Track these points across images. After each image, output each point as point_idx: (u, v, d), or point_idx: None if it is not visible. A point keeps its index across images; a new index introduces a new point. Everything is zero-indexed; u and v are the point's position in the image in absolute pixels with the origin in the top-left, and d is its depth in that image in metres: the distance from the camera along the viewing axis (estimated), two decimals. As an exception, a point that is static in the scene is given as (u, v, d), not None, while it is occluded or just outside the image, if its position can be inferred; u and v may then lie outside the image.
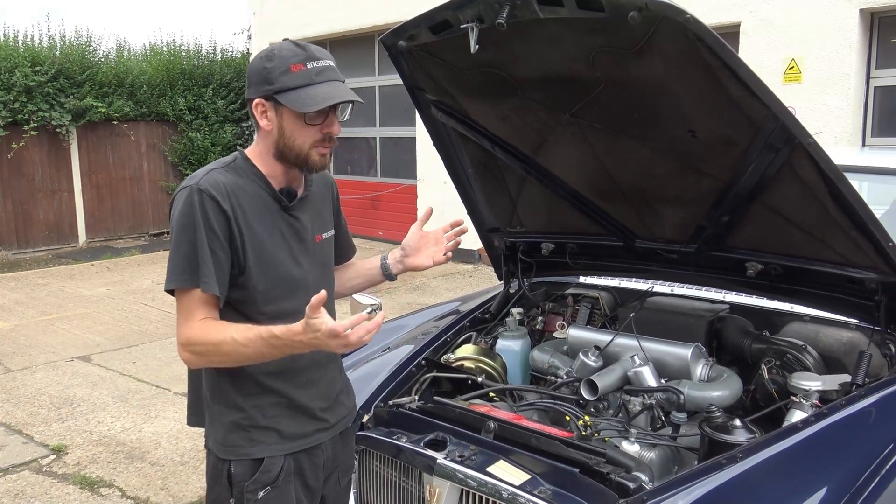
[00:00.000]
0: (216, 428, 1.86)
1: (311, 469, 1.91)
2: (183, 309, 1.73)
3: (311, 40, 7.74)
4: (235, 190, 1.75)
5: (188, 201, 1.70)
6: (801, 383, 2.10)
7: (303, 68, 1.72)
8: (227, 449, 1.83)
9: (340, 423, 2.00)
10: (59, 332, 7.00)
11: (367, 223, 11.73)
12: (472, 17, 1.99)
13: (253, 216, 1.77)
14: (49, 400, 5.25)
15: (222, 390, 1.84)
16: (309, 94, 1.71)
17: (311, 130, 1.76)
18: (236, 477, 1.81)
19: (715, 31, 1.71)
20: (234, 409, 1.83)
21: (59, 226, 11.77)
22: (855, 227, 2.00)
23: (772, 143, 1.95)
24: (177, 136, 12.85)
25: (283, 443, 1.85)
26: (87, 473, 4.10)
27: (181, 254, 1.71)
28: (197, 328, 1.71)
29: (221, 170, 1.78)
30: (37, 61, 11.01)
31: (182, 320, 1.73)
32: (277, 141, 1.78)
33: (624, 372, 2.36)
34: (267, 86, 1.73)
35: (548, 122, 2.36)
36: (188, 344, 1.71)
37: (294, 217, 1.86)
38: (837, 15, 6.70)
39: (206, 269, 1.69)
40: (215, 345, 1.69)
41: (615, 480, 1.78)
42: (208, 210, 1.70)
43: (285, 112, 1.74)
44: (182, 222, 1.71)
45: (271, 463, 1.83)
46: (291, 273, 1.83)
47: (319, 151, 1.79)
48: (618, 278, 3.03)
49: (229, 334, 1.68)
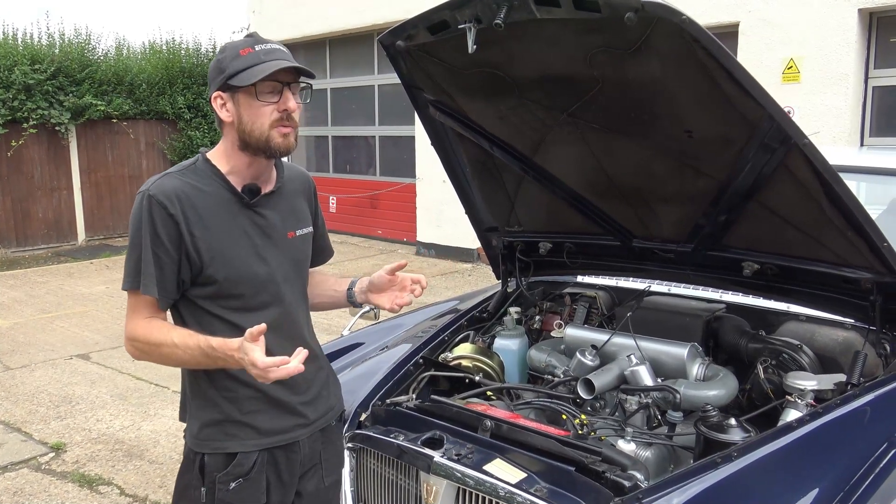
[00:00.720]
0: (193, 421, 1.89)
1: (286, 464, 1.91)
2: (130, 306, 1.84)
3: (310, 39, 7.71)
4: (189, 192, 1.78)
5: (138, 207, 1.78)
6: (796, 383, 2.11)
7: (251, 51, 1.77)
8: (202, 442, 1.85)
9: (321, 420, 1.99)
10: (58, 330, 7.01)
11: (366, 222, 11.74)
12: (470, 18, 2.00)
13: (208, 216, 1.79)
14: (48, 398, 5.25)
15: (200, 384, 1.87)
16: (256, 69, 1.74)
17: (267, 110, 1.77)
18: (208, 467, 1.84)
19: (713, 31, 1.72)
20: (210, 404, 1.85)
21: (58, 224, 11.78)
22: (850, 227, 2.00)
23: (767, 143, 1.96)
24: (176, 134, 12.86)
25: (259, 438, 1.86)
26: (85, 471, 4.11)
27: (130, 257, 1.81)
28: (141, 326, 1.80)
29: (177, 173, 1.83)
30: (36, 59, 11.01)
31: (129, 316, 1.83)
32: (239, 130, 1.80)
33: (620, 371, 2.37)
34: (220, 76, 1.77)
35: (545, 121, 2.37)
36: (132, 339, 1.81)
37: (258, 213, 1.87)
38: (836, 15, 6.71)
39: (146, 274, 1.78)
40: (156, 345, 1.78)
41: (611, 479, 1.79)
42: (154, 215, 1.76)
43: (241, 97, 1.77)
44: (133, 226, 1.80)
45: (245, 457, 1.85)
46: (253, 269, 1.84)
47: (280, 132, 1.79)
48: (615, 278, 3.04)
49: (170, 337, 1.76)
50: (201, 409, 1.87)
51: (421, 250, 10.54)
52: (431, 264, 9.82)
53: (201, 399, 1.87)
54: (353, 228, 11.77)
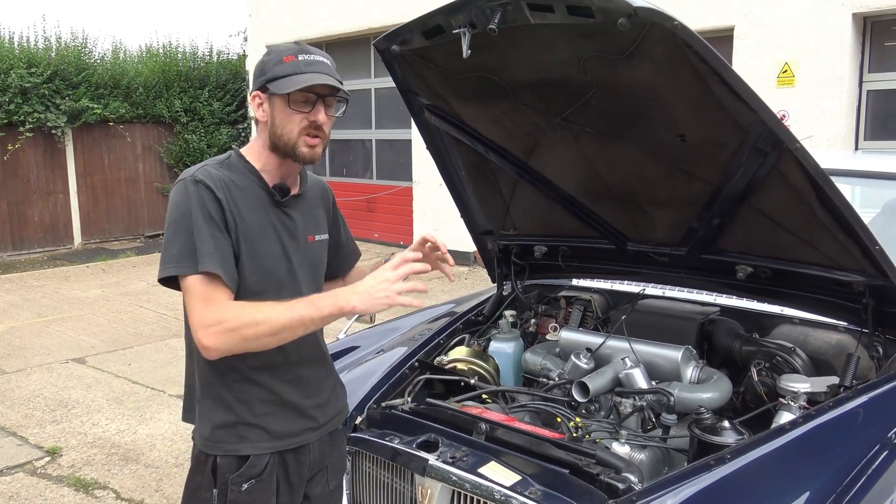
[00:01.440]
0: (203, 423, 1.87)
1: (296, 466, 1.92)
2: (197, 296, 1.70)
3: (307, 42, 7.68)
4: (228, 183, 1.80)
5: (183, 192, 1.75)
6: (789, 385, 2.12)
7: (293, 59, 1.81)
8: (214, 444, 1.85)
9: (330, 424, 2.01)
10: (53, 334, 6.99)
11: (363, 225, 11.74)
12: (465, 23, 2.01)
13: (245, 209, 1.81)
14: (44, 402, 5.25)
15: (212, 385, 1.85)
16: (293, 79, 1.79)
17: (297, 118, 1.81)
18: (221, 468, 1.84)
19: (708, 36, 1.74)
20: (222, 405, 1.85)
21: (55, 227, 11.76)
22: (842, 230, 2.02)
23: (760, 147, 1.97)
24: (172, 137, 12.85)
25: (270, 441, 1.86)
26: (81, 475, 4.10)
27: (178, 242, 1.71)
28: (228, 306, 1.70)
29: (215, 165, 1.84)
30: (32, 63, 11.01)
31: (201, 304, 1.70)
32: (270, 131, 1.84)
33: (615, 374, 2.38)
34: (261, 77, 1.83)
35: (540, 125, 2.38)
36: (217, 323, 1.67)
37: (286, 213, 1.90)
38: (830, 19, 6.74)
39: (205, 252, 1.71)
40: (252, 316, 1.68)
41: (605, 481, 1.80)
42: (204, 198, 1.74)
43: (276, 101, 1.81)
44: (178, 212, 1.73)
45: (258, 458, 1.85)
46: (280, 267, 1.86)
47: (307, 142, 1.83)
48: (610, 281, 3.05)
49: (268, 305, 1.71)
50: (213, 411, 1.86)
51: (417, 254, 10.52)
52: (428, 268, 9.81)
53: (213, 400, 1.86)
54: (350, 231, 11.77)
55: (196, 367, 1.89)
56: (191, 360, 1.92)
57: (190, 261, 1.71)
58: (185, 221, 1.72)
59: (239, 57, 13.85)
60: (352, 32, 11.03)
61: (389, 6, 10.10)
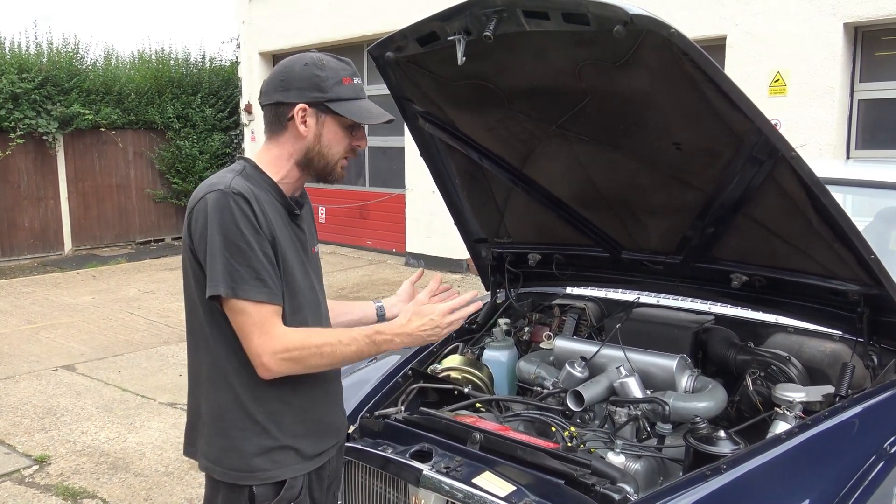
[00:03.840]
0: (232, 455, 1.77)
1: (318, 482, 1.91)
2: (254, 322, 1.67)
3: (299, 49, 7.71)
4: (257, 196, 1.72)
5: (224, 205, 1.66)
6: (784, 395, 2.11)
7: (351, 82, 1.79)
8: (248, 475, 1.77)
9: (343, 436, 2.02)
10: (43, 341, 6.94)
11: (356, 232, 11.72)
12: (460, 30, 2.00)
13: (274, 223, 1.75)
14: (32, 409, 5.20)
15: (245, 412, 1.76)
16: (362, 107, 1.79)
17: (346, 141, 1.82)
18: (259, 498, 1.77)
19: (701, 45, 1.73)
20: (256, 431, 1.76)
21: (45, 233, 11.70)
22: (838, 239, 2.01)
23: (755, 155, 1.97)
24: (165, 143, 12.82)
25: (303, 462, 1.83)
26: (70, 484, 4.06)
27: (234, 261, 1.65)
28: (292, 334, 1.71)
29: (239, 177, 1.74)
30: (24, 68, 10.97)
31: (260, 329, 1.67)
32: (311, 148, 1.79)
33: (610, 383, 2.37)
34: (318, 93, 1.75)
35: (534, 133, 2.38)
36: (284, 350, 1.68)
37: (299, 227, 1.87)
38: (822, 29, 6.78)
39: (265, 279, 1.68)
40: (317, 346, 1.71)
41: (600, 492, 1.79)
42: (246, 212, 1.67)
43: (328, 121, 1.78)
44: (225, 227, 1.65)
45: (294, 481, 1.80)
46: (304, 283, 1.84)
47: (343, 164, 1.86)
48: (604, 289, 3.04)
49: (331, 335, 1.75)
50: (247, 440, 1.76)
51: (410, 261, 10.53)
52: (420, 275, 9.80)
53: (247, 429, 1.76)
54: (342, 239, 11.75)
55: (216, 395, 1.78)
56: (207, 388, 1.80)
57: (243, 282, 1.65)
58: (233, 238, 1.65)
59: (231, 64, 13.83)
60: (344, 39, 11.04)
61: (382, 14, 10.12)
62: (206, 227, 1.67)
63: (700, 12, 7.44)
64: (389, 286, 9.09)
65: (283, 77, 1.78)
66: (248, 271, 1.66)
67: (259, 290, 1.67)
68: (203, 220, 1.67)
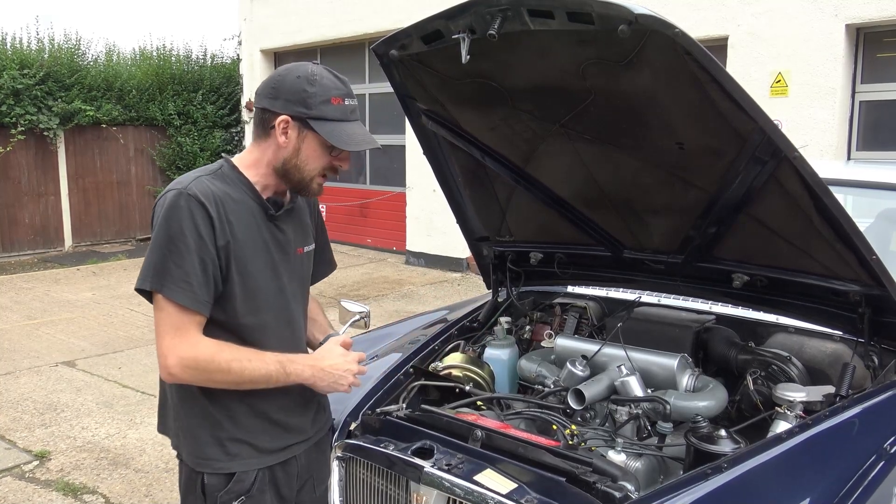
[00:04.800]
0: (189, 440, 1.83)
1: (285, 479, 1.91)
2: (172, 322, 1.69)
3: (301, 47, 7.72)
4: (223, 198, 1.74)
5: (175, 206, 1.68)
6: (785, 394, 2.12)
7: (341, 103, 1.77)
8: (202, 462, 1.82)
9: (317, 434, 2.01)
10: (43, 337, 6.94)
11: (356, 230, 11.72)
12: (464, 28, 2.00)
13: (238, 225, 1.76)
14: (33, 405, 5.20)
15: (197, 404, 1.81)
16: (345, 130, 1.77)
17: (325, 158, 1.81)
18: (210, 488, 1.81)
19: (703, 44, 1.73)
20: (209, 421, 1.81)
21: (45, 230, 11.69)
22: (839, 239, 2.02)
23: (758, 155, 1.97)
24: (165, 140, 12.81)
25: (258, 456, 1.85)
26: (70, 480, 4.06)
27: (168, 260, 1.67)
28: (205, 346, 1.70)
29: (209, 177, 1.77)
30: (25, 64, 10.95)
31: (174, 333, 1.69)
32: (289, 160, 1.79)
33: (611, 381, 2.37)
34: (303, 108, 1.74)
35: (537, 132, 2.38)
36: (191, 359, 1.69)
37: (278, 228, 1.86)
38: (824, 30, 6.78)
39: (193, 284, 1.67)
40: (226, 362, 1.71)
41: (601, 490, 1.79)
42: (196, 216, 1.68)
43: (309, 137, 1.77)
44: (169, 227, 1.68)
45: (244, 475, 1.83)
46: (269, 285, 1.83)
47: (319, 181, 1.84)
48: (605, 288, 3.05)
49: (242, 354, 1.73)
50: (200, 428, 1.82)
51: (410, 259, 10.53)
52: (421, 273, 9.82)
53: (200, 418, 1.82)
54: (343, 237, 11.75)
55: (172, 385, 1.84)
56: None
57: (171, 281, 1.67)
58: (177, 240, 1.67)
59: (233, 61, 13.82)
60: (346, 38, 11.03)
61: (384, 12, 10.12)
62: (156, 223, 1.72)
63: (702, 12, 7.44)
64: (390, 284, 9.10)
65: (274, 85, 1.78)
66: (179, 272, 1.67)
67: (183, 293, 1.67)
68: (157, 217, 1.73)
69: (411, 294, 8.61)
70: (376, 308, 7.61)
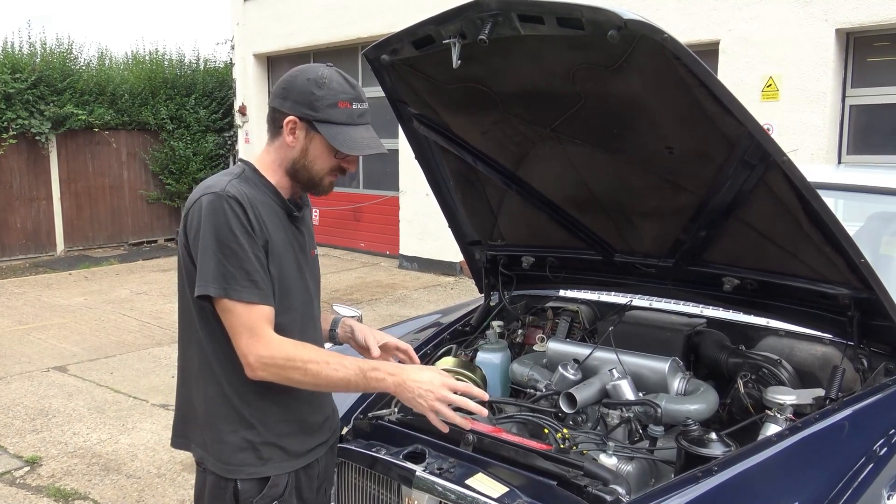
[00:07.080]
0: (220, 447, 1.81)
1: (307, 482, 1.92)
2: (243, 323, 1.69)
3: (294, 51, 7.72)
4: (252, 200, 1.75)
5: (219, 208, 1.69)
6: (775, 397, 2.13)
7: (348, 107, 1.78)
8: (234, 468, 1.80)
9: (333, 437, 2.03)
10: (35, 342, 6.91)
11: (349, 234, 11.72)
12: (455, 33, 2.01)
13: (270, 226, 1.78)
14: (24, 411, 5.18)
15: (231, 407, 1.80)
16: (350, 134, 1.77)
17: (334, 162, 1.83)
18: (243, 494, 1.79)
19: (694, 49, 1.75)
20: (244, 425, 1.80)
21: (37, 234, 11.65)
22: (828, 243, 2.03)
23: (747, 159, 1.98)
24: (158, 145, 12.79)
25: (289, 460, 1.85)
26: (61, 486, 4.04)
27: (229, 263, 1.68)
28: (287, 343, 1.71)
29: (236, 180, 1.77)
30: (16, 68, 10.92)
31: (249, 332, 1.69)
32: (297, 160, 1.81)
33: (602, 385, 2.38)
34: (310, 110, 1.76)
35: (528, 136, 2.39)
36: (272, 357, 1.69)
37: (298, 229, 1.89)
38: (814, 34, 6.83)
39: (258, 281, 1.70)
40: (304, 362, 1.71)
41: (592, 493, 1.80)
42: (240, 216, 1.70)
43: (316, 138, 1.79)
44: (218, 229, 1.68)
45: (278, 478, 1.82)
46: (298, 285, 1.86)
47: (330, 180, 1.86)
48: (597, 292, 3.06)
49: (321, 355, 1.73)
50: (233, 434, 1.79)
51: (403, 263, 10.53)
52: (414, 277, 9.82)
53: (232, 422, 1.80)
54: (336, 241, 11.75)
55: (203, 392, 1.82)
56: (197, 382, 1.83)
57: (234, 282, 1.68)
58: (225, 240, 1.68)
59: (226, 65, 13.82)
60: (339, 42, 11.04)
61: (377, 16, 10.13)
62: (200, 229, 1.70)
63: (694, 17, 7.48)
64: (383, 288, 9.09)
65: (285, 85, 1.81)
66: (241, 273, 1.69)
67: (251, 291, 1.69)
68: (198, 222, 1.71)
69: (404, 298, 8.60)
70: (369, 312, 7.61)
